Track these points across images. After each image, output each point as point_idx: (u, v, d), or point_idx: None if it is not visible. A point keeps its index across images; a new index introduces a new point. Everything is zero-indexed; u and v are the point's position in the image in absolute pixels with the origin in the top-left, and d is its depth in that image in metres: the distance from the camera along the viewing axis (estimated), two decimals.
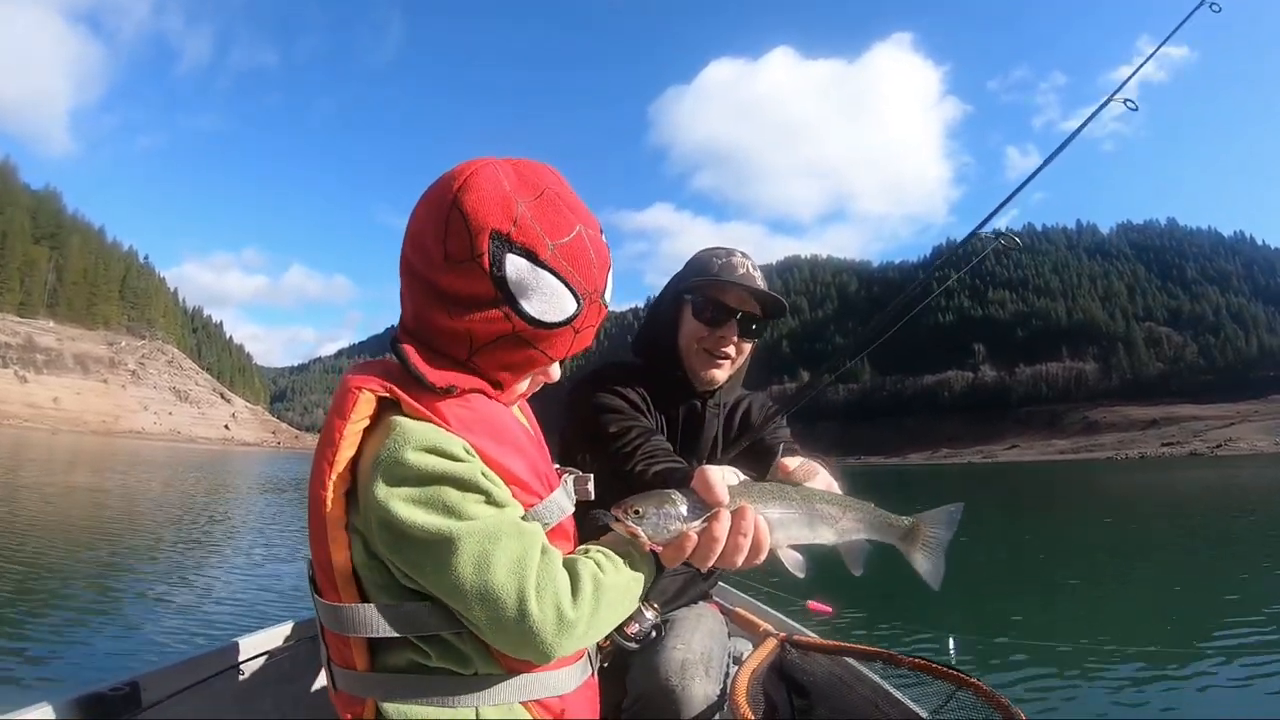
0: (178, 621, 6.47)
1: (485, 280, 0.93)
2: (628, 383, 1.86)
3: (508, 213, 0.92)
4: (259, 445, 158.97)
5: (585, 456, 1.74)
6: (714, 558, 0.96)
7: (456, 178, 0.94)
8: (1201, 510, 21.46)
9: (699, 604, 2.01)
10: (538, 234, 0.94)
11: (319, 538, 0.96)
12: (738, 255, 1.94)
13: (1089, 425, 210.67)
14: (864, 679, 1.94)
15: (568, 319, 0.99)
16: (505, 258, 0.92)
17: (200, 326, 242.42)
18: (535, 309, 0.96)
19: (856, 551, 1.09)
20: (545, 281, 0.95)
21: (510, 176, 0.96)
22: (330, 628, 0.99)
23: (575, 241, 0.97)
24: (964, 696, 1.63)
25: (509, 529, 0.94)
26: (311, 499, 0.95)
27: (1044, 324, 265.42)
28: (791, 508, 1.02)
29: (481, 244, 0.91)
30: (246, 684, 1.88)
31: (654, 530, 0.95)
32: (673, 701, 1.58)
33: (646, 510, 0.96)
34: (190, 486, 24.62)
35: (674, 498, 0.97)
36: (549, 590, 0.93)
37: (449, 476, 0.91)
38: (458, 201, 0.92)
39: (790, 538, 1.03)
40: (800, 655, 2.01)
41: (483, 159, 0.96)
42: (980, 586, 9.42)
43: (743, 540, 0.95)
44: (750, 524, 0.96)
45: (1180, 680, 5.68)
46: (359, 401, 0.94)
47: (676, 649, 1.69)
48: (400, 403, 0.95)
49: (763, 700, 1.74)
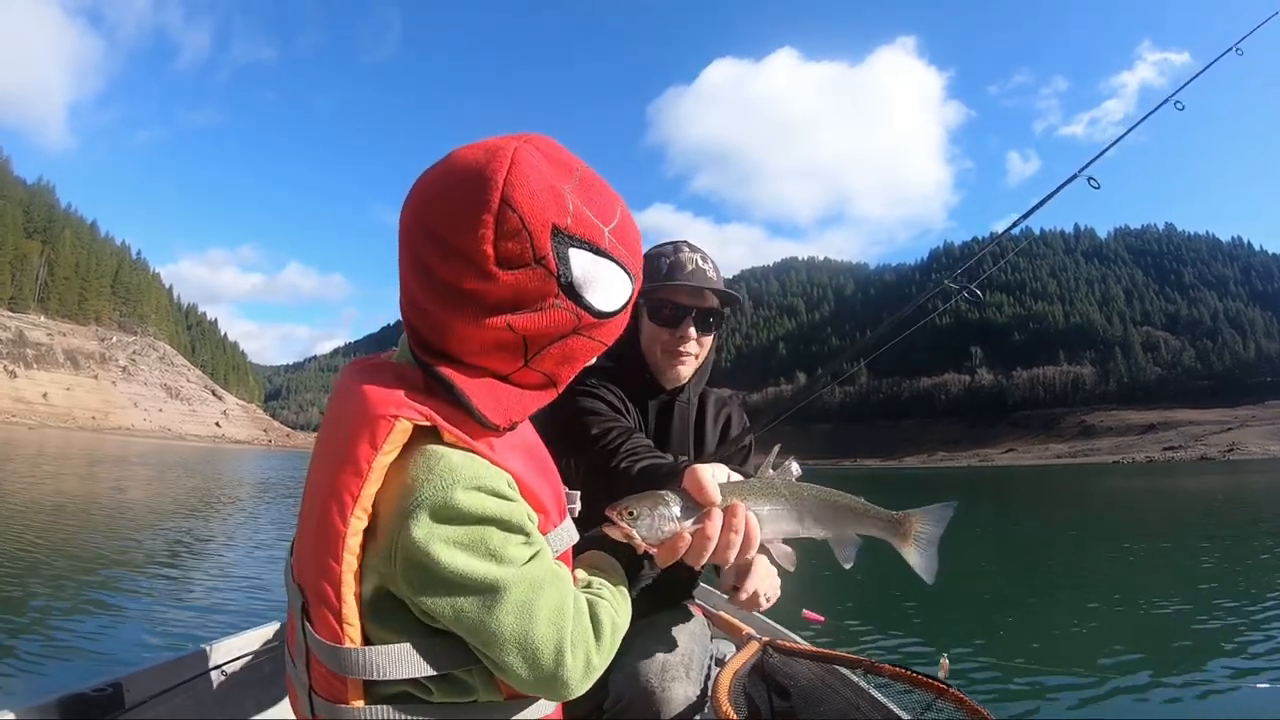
0: (161, 622, 6.36)
1: (550, 281, 0.84)
2: (604, 385, 1.88)
3: (562, 204, 0.84)
4: (250, 443, 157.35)
5: (570, 463, 1.72)
6: (707, 556, 0.97)
7: (496, 168, 0.81)
8: (1245, 518, 20.26)
9: (680, 605, 2.03)
10: (593, 222, 0.88)
11: (326, 571, 0.87)
12: (685, 251, 1.95)
13: (1086, 429, 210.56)
14: (846, 683, 1.95)
15: (625, 304, 0.95)
16: (569, 253, 0.85)
17: (195, 323, 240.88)
18: (600, 301, 0.90)
19: (847, 546, 1.09)
20: (607, 271, 0.90)
21: (545, 161, 0.85)
22: (329, 667, 0.90)
23: (623, 221, 0.93)
24: (943, 706, 1.63)
25: (549, 576, 0.91)
26: (321, 527, 0.87)
27: (1041, 328, 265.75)
28: (780, 503, 1.03)
29: (544, 243, 0.82)
30: (229, 685, 1.86)
31: (648, 532, 0.95)
32: (653, 703, 1.58)
33: (640, 512, 0.95)
34: (176, 485, 24.18)
35: (667, 499, 0.96)
36: (582, 641, 0.92)
37: (495, 519, 0.86)
38: (509, 199, 0.80)
39: (780, 532, 1.04)
40: (782, 659, 2.01)
41: (505, 140, 0.86)
42: (988, 595, 9.21)
43: (734, 537, 0.96)
44: (742, 521, 0.96)
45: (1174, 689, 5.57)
46: (394, 431, 0.85)
47: (658, 650, 1.70)
48: (440, 431, 0.87)
49: (744, 702, 1.75)
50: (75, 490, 19.29)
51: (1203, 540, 14.39)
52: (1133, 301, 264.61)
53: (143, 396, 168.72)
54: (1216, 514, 21.37)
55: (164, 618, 6.56)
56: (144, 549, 10.23)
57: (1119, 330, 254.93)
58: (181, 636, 5.91)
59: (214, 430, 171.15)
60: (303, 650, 0.95)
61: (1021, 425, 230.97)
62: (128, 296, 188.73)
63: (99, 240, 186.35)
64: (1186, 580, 10.02)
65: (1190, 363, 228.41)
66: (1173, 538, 15.63)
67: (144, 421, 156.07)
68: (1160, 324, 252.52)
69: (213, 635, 1.97)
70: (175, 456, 51.86)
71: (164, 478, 27.30)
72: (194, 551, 10.46)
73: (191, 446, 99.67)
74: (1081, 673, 5.83)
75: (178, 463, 41.70)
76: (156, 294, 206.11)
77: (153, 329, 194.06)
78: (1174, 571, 11.20)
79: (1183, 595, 8.88)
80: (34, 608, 6.54)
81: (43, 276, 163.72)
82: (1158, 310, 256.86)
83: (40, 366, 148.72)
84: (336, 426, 0.91)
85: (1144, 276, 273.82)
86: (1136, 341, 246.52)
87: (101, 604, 6.87)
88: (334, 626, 0.88)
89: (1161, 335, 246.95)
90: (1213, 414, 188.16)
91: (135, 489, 21.20)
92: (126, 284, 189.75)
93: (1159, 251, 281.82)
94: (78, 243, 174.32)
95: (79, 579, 7.82)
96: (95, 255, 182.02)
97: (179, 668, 1.76)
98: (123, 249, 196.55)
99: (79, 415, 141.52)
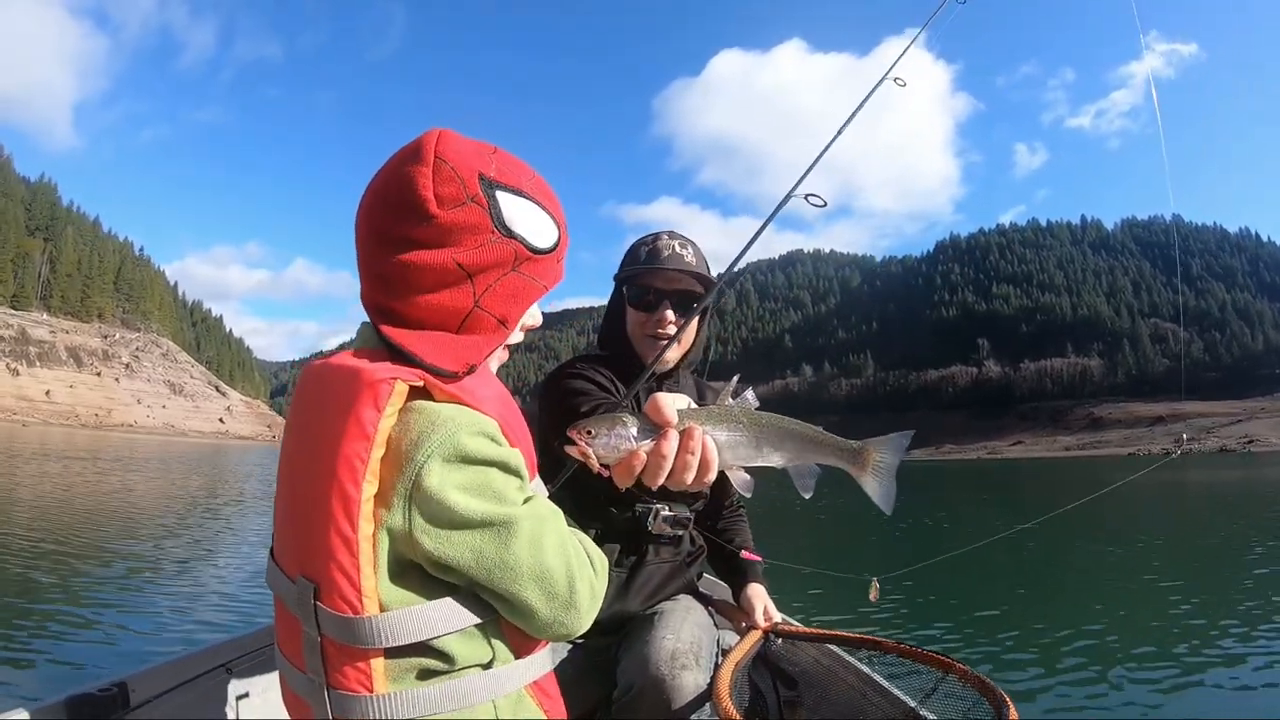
0: (166, 622, 6.31)
1: (485, 216, 0.96)
2: (594, 368, 1.97)
3: (486, 160, 0.98)
4: (254, 439, 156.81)
5: (559, 443, 1.73)
6: (663, 475, 0.98)
7: (428, 138, 0.97)
8: None
9: (684, 596, 2.04)
10: (514, 174, 1.01)
11: (341, 545, 0.89)
12: (664, 238, 2.04)
13: (1094, 422, 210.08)
14: (850, 667, 1.93)
15: (555, 244, 1.05)
16: (496, 194, 0.97)
17: (199, 320, 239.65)
18: (532, 236, 1.01)
19: (805, 474, 1.11)
20: (533, 211, 1.01)
21: (468, 139, 1.01)
22: (344, 641, 0.91)
23: (539, 180, 1.05)
24: (951, 682, 1.62)
25: (547, 510, 0.98)
26: (325, 506, 0.89)
27: (1048, 319, 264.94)
28: (739, 430, 1.04)
29: (474, 185, 0.95)
30: (234, 683, 1.87)
31: (605, 449, 0.98)
32: (663, 692, 1.59)
33: (598, 431, 0.98)
34: (179, 482, 23.82)
35: (625, 419, 0.99)
36: (584, 568, 0.99)
37: (498, 462, 0.93)
38: (440, 154, 0.95)
39: (738, 458, 1.05)
40: (786, 645, 2.00)
41: (435, 128, 1.01)
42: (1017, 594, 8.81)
43: (690, 459, 0.97)
44: (698, 444, 0.98)
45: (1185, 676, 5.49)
46: (394, 393, 0.90)
47: (666, 639, 1.71)
48: (430, 389, 0.94)
49: (748, 691, 1.73)
50: (78, 488, 18.93)
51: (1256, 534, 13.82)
52: (1140, 293, 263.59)
53: (146, 393, 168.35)
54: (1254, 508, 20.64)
55: (169, 617, 6.48)
56: (148, 548, 10.06)
57: (1127, 322, 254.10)
58: (186, 636, 5.86)
59: (217, 426, 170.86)
60: (315, 646, 0.95)
61: (1029, 418, 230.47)
62: (131, 293, 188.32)
63: (101, 237, 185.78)
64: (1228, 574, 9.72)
65: (1198, 354, 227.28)
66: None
67: (147, 418, 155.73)
68: (1168, 315, 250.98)
69: (217, 634, 1.95)
70: (178, 453, 51.74)
71: (167, 475, 26.97)
72: (198, 550, 10.27)
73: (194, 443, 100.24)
74: (1097, 652, 5.90)
75: (179, 459, 41.63)
76: (160, 290, 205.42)
77: (156, 325, 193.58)
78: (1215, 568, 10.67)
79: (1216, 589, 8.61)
80: (39, 608, 6.45)
81: (45, 274, 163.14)
82: (1165, 302, 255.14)
83: (43, 364, 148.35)
84: (320, 411, 0.95)
85: (1151, 268, 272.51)
86: (1144, 333, 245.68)
87: (106, 603, 6.76)
88: (354, 602, 0.89)
89: (1169, 327, 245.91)
90: (1222, 406, 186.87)
91: (138, 487, 20.86)
92: (129, 281, 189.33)
93: (1166, 242, 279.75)
94: (80, 240, 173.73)
95: (84, 579, 7.69)
96: (98, 252, 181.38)
97: (184, 667, 1.76)
98: (125, 245, 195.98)
99: (82, 412, 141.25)
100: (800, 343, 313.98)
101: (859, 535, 14.86)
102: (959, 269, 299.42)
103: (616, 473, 1.01)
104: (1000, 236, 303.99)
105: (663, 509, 1.95)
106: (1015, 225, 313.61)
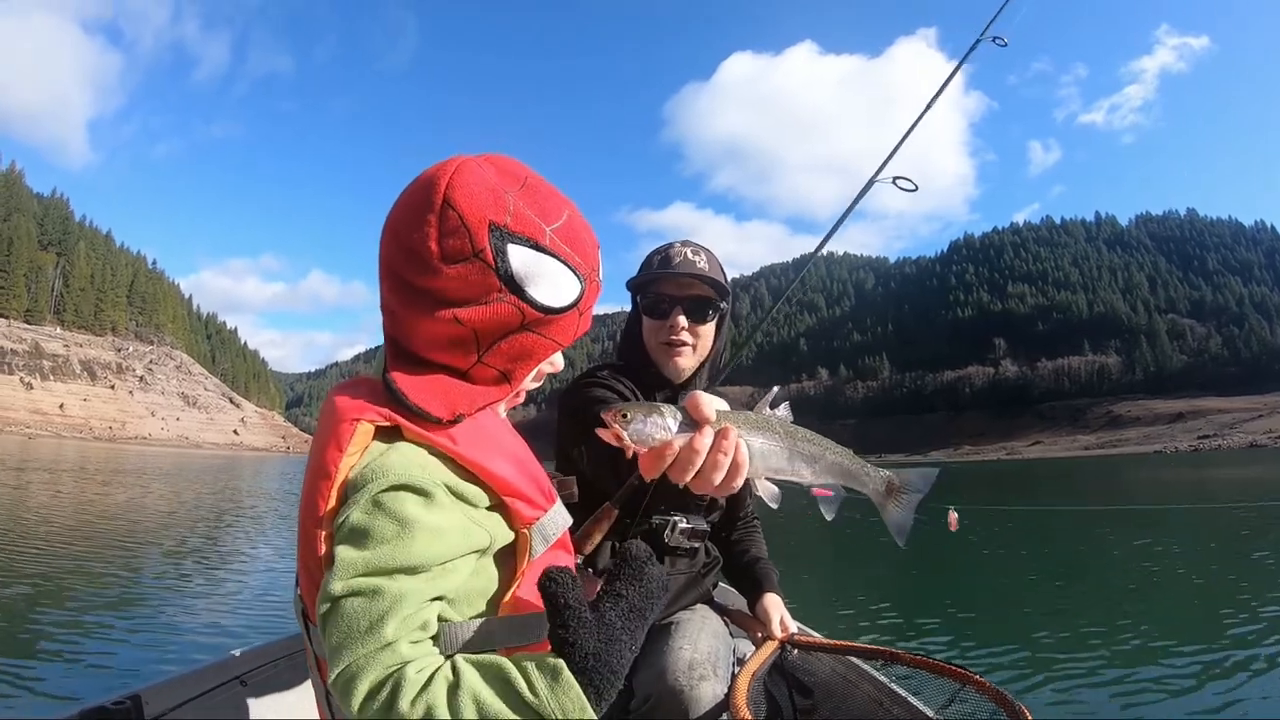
0: (179, 634, 6.27)
1: (490, 275, 0.91)
2: (615, 378, 1.97)
3: (501, 204, 0.92)
4: (268, 450, 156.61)
5: (580, 450, 1.82)
6: (691, 472, 0.96)
7: (440, 175, 0.92)
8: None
9: (700, 606, 2.04)
10: (533, 221, 0.94)
11: (315, 567, 0.90)
12: (676, 246, 2.01)
13: (1113, 420, 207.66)
14: (867, 677, 1.93)
15: (574, 301, 0.99)
16: (507, 248, 0.91)
17: (214, 332, 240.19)
18: (543, 296, 0.95)
19: (832, 497, 1.09)
20: (549, 267, 0.95)
21: (490, 170, 0.95)
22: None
23: (569, 223, 0.98)
24: (969, 694, 1.60)
25: (406, 595, 0.85)
26: (306, 534, 0.92)
27: (1065, 317, 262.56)
28: (774, 440, 1.02)
29: (481, 238, 0.90)
30: (247, 696, 1.87)
31: (638, 435, 0.95)
32: (681, 702, 1.59)
33: (635, 416, 0.95)
34: (193, 495, 23.55)
35: (663, 409, 0.97)
36: (388, 693, 0.79)
37: (407, 522, 0.85)
38: (449, 199, 0.90)
39: (769, 469, 1.03)
40: (802, 655, 1.99)
41: (457, 156, 0.96)
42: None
43: (722, 459, 0.95)
44: (732, 445, 0.96)
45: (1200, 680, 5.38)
46: (356, 434, 0.90)
47: (684, 649, 1.70)
48: (401, 429, 0.93)
49: (764, 702, 1.72)
50: (91, 500, 18.82)
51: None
52: (1157, 289, 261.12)
53: (160, 405, 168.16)
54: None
55: (182, 630, 6.45)
56: (161, 560, 10.01)
57: (1144, 318, 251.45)
58: (200, 648, 5.82)
59: (232, 438, 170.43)
60: (313, 658, 0.99)
61: (1047, 417, 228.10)
62: (144, 306, 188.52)
63: (114, 250, 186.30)
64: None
65: (1217, 350, 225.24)
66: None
67: (161, 430, 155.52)
68: (1185, 311, 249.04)
69: (231, 647, 1.99)
70: (192, 465, 51.66)
71: (180, 488, 26.63)
72: (211, 562, 10.18)
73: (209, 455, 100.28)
74: (1109, 661, 5.80)
75: (193, 471, 41.33)
76: (173, 303, 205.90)
77: (170, 338, 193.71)
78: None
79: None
80: (53, 621, 6.41)
81: (58, 288, 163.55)
82: (1182, 297, 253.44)
83: (57, 378, 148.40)
84: (315, 442, 0.96)
85: (1167, 263, 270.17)
86: (1162, 329, 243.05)
87: (120, 616, 6.74)
88: None
89: (1187, 323, 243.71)
90: (1241, 401, 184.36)
91: (152, 499, 20.62)
92: (143, 294, 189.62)
93: (1182, 237, 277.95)
94: (93, 253, 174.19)
95: (97, 591, 7.67)
96: (111, 265, 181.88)
97: (197, 680, 1.77)
98: (139, 259, 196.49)
99: (96, 425, 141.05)
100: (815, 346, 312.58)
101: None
102: (974, 269, 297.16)
103: (645, 461, 0.99)
104: (1015, 235, 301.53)
105: (680, 521, 1.94)
106: (1029, 223, 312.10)
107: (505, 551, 0.98)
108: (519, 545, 0.99)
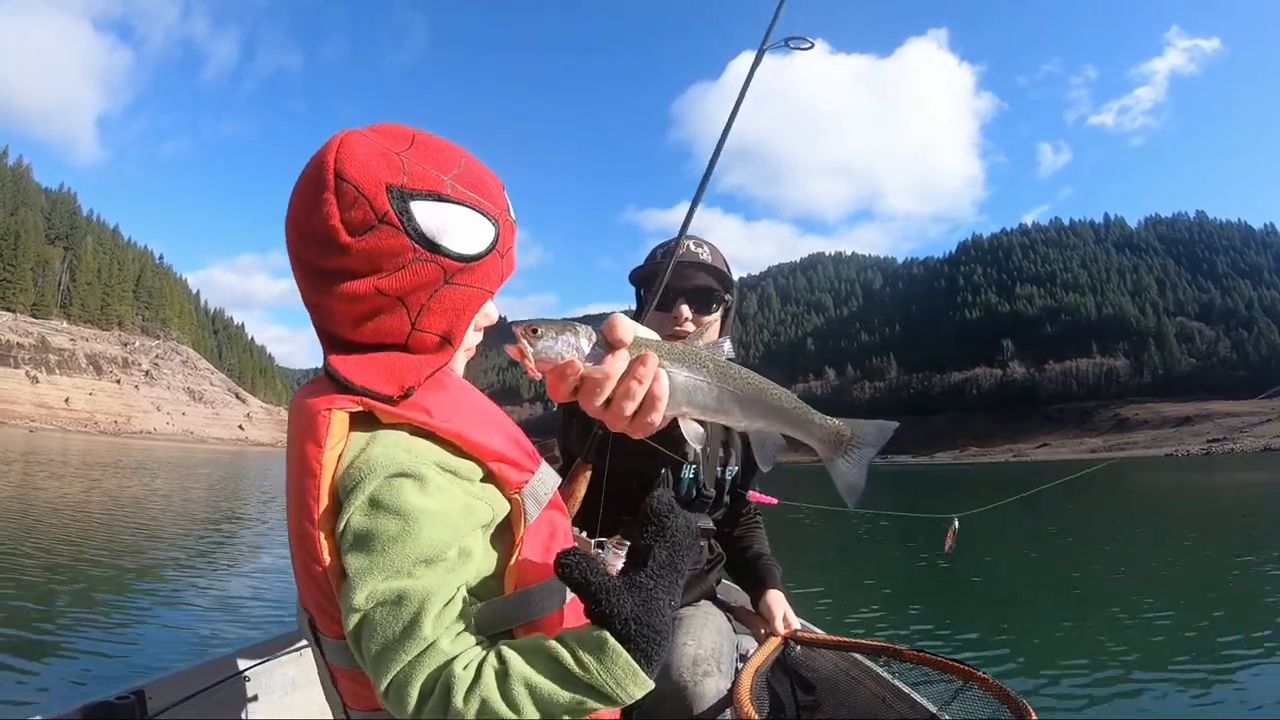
0: (183, 630, 6.30)
1: (400, 236, 0.88)
2: None
3: (394, 165, 0.89)
4: (273, 445, 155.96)
5: (573, 431, 1.83)
6: (601, 397, 0.84)
7: (327, 153, 0.89)
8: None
9: (703, 602, 2.04)
10: (431, 174, 0.91)
11: (315, 579, 0.89)
12: (679, 239, 2.00)
13: (1121, 423, 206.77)
14: (870, 674, 1.92)
15: (491, 245, 0.96)
16: (411, 206, 0.89)
17: (221, 328, 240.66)
18: (459, 245, 0.92)
19: (769, 444, 0.96)
20: (458, 215, 0.92)
21: (376, 136, 0.92)
22: (342, 665, 0.93)
23: (467, 168, 0.95)
24: (972, 691, 1.59)
25: (428, 589, 0.85)
26: (302, 539, 0.88)
27: (1073, 319, 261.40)
28: (701, 375, 0.88)
29: (382, 202, 0.87)
30: (250, 692, 1.87)
31: (546, 353, 0.83)
32: (685, 698, 1.59)
33: (545, 332, 0.83)
34: (197, 490, 23.58)
35: (578, 328, 0.85)
36: (431, 686, 0.81)
37: (407, 514, 0.84)
38: (341, 173, 0.87)
39: (693, 406, 0.89)
40: (805, 652, 1.99)
41: (340, 132, 0.93)
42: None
43: (636, 386, 0.82)
44: (649, 373, 0.82)
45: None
46: (332, 423, 0.88)
47: (688, 645, 1.70)
48: (375, 412, 0.90)
49: (767, 698, 1.72)
50: (95, 495, 18.48)
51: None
52: (1165, 291, 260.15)
53: (165, 400, 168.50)
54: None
55: (186, 625, 6.44)
56: (164, 555, 10.01)
57: (1152, 321, 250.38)
58: (203, 644, 5.84)
59: (237, 433, 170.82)
60: (325, 669, 0.97)
61: (1055, 419, 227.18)
62: (150, 301, 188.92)
63: (121, 245, 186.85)
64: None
65: (1225, 353, 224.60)
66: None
67: (166, 425, 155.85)
68: (1194, 314, 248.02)
69: (234, 643, 2.00)
70: (196, 460, 51.82)
71: (183, 482, 26.52)
72: (215, 558, 10.14)
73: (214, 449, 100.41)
74: (1113, 664, 5.77)
75: (197, 466, 41.43)
76: (180, 298, 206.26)
77: (176, 333, 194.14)
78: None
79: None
80: (57, 615, 6.40)
81: (65, 282, 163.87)
82: (1191, 300, 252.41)
83: (62, 371, 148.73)
84: (291, 444, 0.93)
85: (1176, 266, 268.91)
86: (1170, 332, 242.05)
87: (124, 611, 6.74)
88: (337, 628, 0.88)
89: (1196, 326, 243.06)
90: (1249, 405, 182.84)
91: (156, 494, 20.53)
92: (149, 289, 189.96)
93: (1191, 240, 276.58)
94: (100, 248, 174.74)
95: (101, 586, 7.63)
96: (117, 260, 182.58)
97: (201, 675, 1.77)
98: (145, 254, 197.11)
99: (101, 420, 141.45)
100: (823, 346, 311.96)
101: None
102: (982, 270, 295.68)
103: (551, 384, 0.86)
104: (1023, 236, 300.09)
105: None
106: (1038, 225, 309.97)
107: (501, 521, 0.96)
108: (514, 512, 0.96)
